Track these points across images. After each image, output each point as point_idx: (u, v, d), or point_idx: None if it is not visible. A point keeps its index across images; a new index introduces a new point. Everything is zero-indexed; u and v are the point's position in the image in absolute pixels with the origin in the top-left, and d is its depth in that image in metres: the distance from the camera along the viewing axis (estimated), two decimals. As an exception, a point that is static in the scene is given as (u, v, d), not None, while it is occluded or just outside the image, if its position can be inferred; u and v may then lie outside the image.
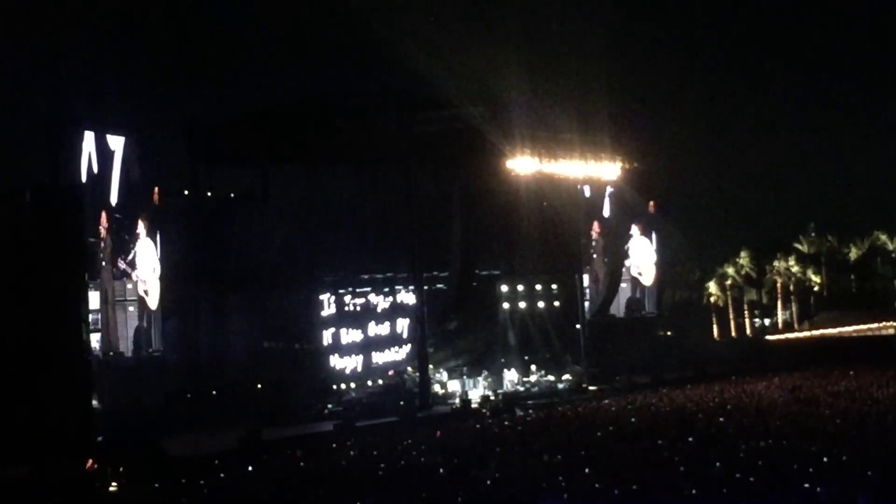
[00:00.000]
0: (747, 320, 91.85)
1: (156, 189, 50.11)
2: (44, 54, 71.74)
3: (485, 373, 57.89)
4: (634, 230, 70.18)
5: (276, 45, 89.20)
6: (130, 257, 48.49)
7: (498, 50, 58.57)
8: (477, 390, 56.05)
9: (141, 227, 48.75)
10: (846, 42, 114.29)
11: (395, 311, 58.23)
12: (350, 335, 55.70)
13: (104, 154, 46.41)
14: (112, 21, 76.84)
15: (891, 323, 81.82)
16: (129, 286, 49.41)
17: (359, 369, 55.67)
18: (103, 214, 46.99)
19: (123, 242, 48.44)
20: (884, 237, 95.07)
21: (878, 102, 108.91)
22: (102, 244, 47.29)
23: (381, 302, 57.61)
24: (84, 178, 45.87)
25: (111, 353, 47.66)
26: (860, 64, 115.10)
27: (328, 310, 54.98)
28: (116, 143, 47.33)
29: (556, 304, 64.50)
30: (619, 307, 69.97)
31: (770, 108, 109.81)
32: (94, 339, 45.16)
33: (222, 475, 33.05)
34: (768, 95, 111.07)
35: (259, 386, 51.01)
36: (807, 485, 24.87)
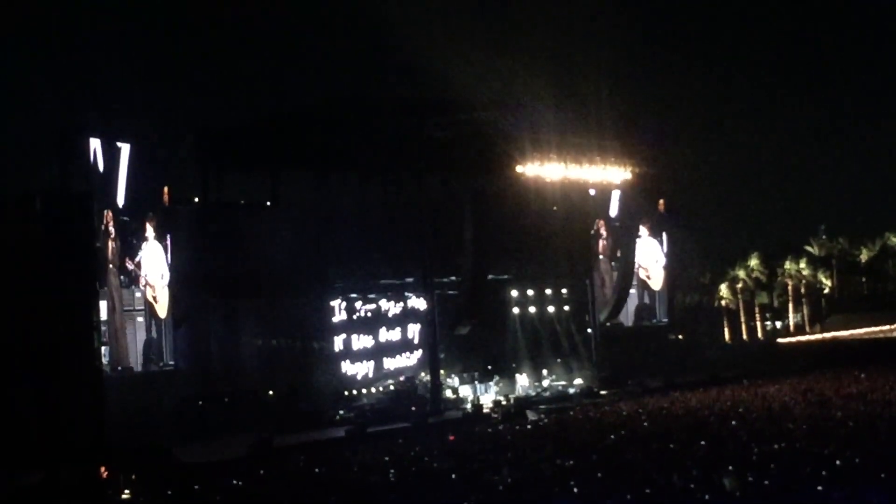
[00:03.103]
0: (758, 323, 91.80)
1: (165, 189, 49.69)
2: (54, 61, 71.90)
3: (496, 377, 57.87)
4: (643, 231, 69.95)
5: (287, 51, 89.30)
6: (138, 259, 48.06)
7: (508, 55, 58.60)
8: (489, 395, 56.02)
9: (149, 230, 48.35)
10: (856, 45, 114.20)
11: (407, 316, 58.18)
12: (361, 341, 55.66)
13: (111, 153, 45.95)
14: (122, 27, 77.01)
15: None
16: (138, 294, 49.00)
17: (370, 375, 55.62)
18: (109, 214, 46.44)
19: (131, 246, 48.00)
20: (894, 239, 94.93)
21: (888, 104, 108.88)
22: (110, 244, 46.64)
23: (392, 307, 57.57)
24: (90, 178, 45.35)
25: (119, 368, 46.90)
26: (870, 66, 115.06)
27: (339, 315, 54.93)
28: (125, 145, 46.91)
29: (567, 308, 64.57)
30: (627, 314, 69.62)
31: (780, 110, 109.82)
32: (102, 352, 44.47)
33: (234, 482, 33.05)
34: (779, 98, 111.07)
35: (270, 392, 51.00)
36: (820, 487, 24.83)
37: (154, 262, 48.66)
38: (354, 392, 54.30)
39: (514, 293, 62.66)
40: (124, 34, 77.49)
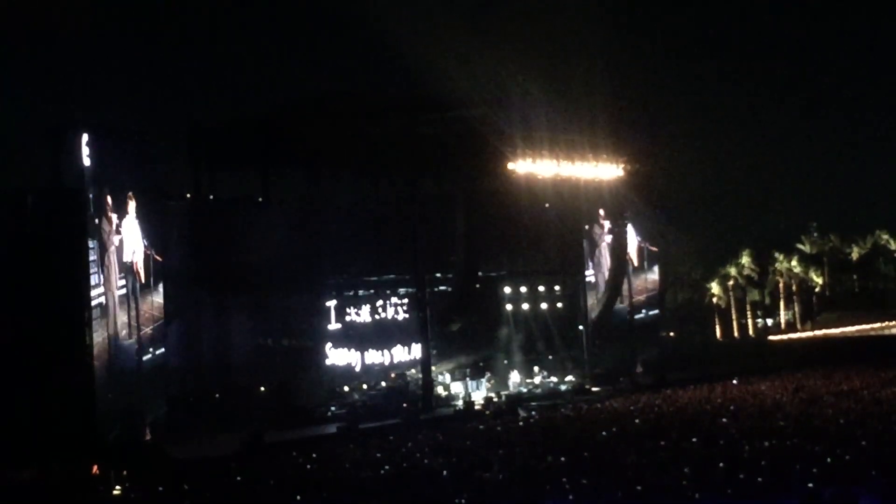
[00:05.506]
0: (750, 321, 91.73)
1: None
2: (46, 58, 71.80)
3: (488, 374, 57.88)
4: (633, 229, 69.80)
5: (278, 48, 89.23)
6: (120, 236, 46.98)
7: (499, 52, 58.55)
8: (480, 392, 56.03)
9: (130, 207, 47.16)
10: (847, 41, 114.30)
11: (398, 312, 58.23)
12: (352, 337, 55.67)
13: (102, 149, 45.39)
14: (114, 22, 76.91)
15: (893, 323, 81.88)
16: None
17: (361, 371, 55.67)
18: (108, 198, 45.67)
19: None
20: (886, 236, 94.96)
21: (879, 101, 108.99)
22: (106, 225, 45.70)
23: (384, 304, 57.62)
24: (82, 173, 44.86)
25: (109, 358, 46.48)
26: (861, 62, 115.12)
27: (330, 312, 54.99)
28: (116, 141, 46.38)
29: (560, 305, 64.59)
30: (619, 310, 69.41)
31: (772, 107, 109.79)
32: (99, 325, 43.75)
33: (226, 478, 33.05)
34: (770, 94, 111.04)
35: (262, 388, 51.02)
36: (810, 485, 24.87)
37: (132, 237, 47.46)
38: (346, 389, 54.35)
39: (507, 290, 62.69)
40: (115, 29, 77.40)
